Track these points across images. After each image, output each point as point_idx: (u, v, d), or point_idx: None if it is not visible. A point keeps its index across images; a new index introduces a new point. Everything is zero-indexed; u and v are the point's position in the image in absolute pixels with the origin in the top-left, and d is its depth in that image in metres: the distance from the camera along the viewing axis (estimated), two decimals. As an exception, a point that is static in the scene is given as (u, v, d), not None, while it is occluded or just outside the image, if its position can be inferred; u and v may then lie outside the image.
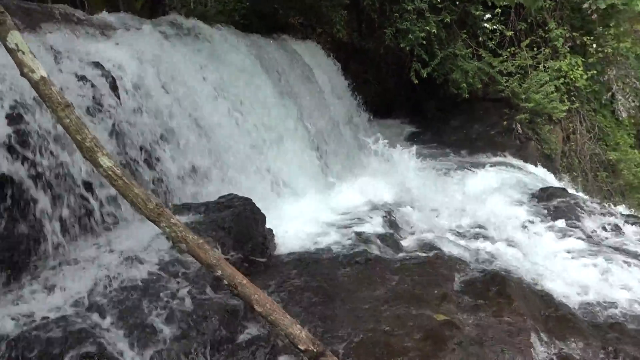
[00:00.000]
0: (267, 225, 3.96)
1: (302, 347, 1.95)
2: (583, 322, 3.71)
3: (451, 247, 4.44)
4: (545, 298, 3.93)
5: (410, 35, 8.08)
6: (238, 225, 3.61)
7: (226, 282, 2.11)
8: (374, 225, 4.48)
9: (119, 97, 3.67)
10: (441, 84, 9.19)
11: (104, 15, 4.71)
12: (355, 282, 3.58)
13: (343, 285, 3.49)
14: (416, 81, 8.44)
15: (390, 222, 4.72)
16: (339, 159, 5.99)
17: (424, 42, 8.22)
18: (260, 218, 3.82)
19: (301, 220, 4.52)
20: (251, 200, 3.78)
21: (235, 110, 4.73)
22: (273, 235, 4.02)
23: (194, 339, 2.59)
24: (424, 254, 4.17)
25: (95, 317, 2.49)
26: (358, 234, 4.27)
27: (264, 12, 7.99)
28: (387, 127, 9.52)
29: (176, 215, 2.59)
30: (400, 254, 4.15)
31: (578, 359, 3.20)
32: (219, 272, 2.09)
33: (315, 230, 4.40)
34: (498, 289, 3.67)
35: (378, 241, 4.20)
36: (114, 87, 3.67)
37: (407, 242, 4.44)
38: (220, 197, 3.88)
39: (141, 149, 3.55)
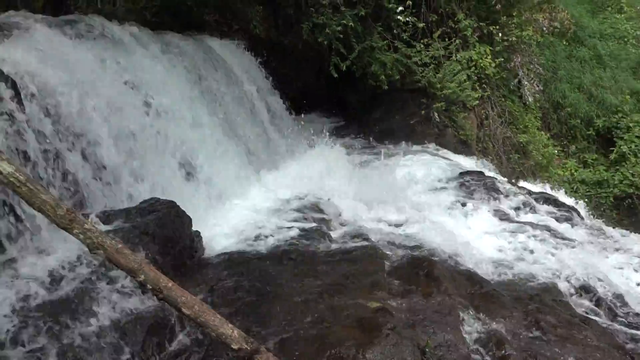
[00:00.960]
0: (194, 228, 3.84)
1: (235, 347, 1.89)
2: (506, 297, 3.91)
3: (380, 235, 4.53)
4: (471, 277, 4.11)
5: (327, 30, 8.12)
6: (163, 229, 3.48)
7: (150, 287, 2.01)
8: (303, 219, 4.47)
9: (21, 102, 3.40)
10: (361, 77, 9.32)
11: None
12: (287, 277, 3.55)
13: (275, 281, 3.46)
14: (336, 75, 8.51)
15: (319, 215, 4.73)
16: (264, 156, 5.93)
17: (341, 36, 8.29)
18: (186, 220, 3.69)
19: (230, 219, 4.43)
20: (175, 202, 3.64)
21: (152, 112, 4.53)
22: (201, 238, 3.91)
23: (121, 351, 2.46)
24: (354, 244, 4.23)
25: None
26: (287, 228, 4.25)
27: (177, 10, 7.72)
28: (311, 122, 9.56)
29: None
30: (331, 246, 4.17)
31: (504, 331, 3.37)
32: (142, 277, 1.99)
33: (244, 228, 4.33)
34: (426, 272, 3.78)
35: (308, 234, 4.20)
36: (15, 91, 3.39)
37: (336, 234, 4.47)
38: (141, 202, 3.72)
39: (48, 153, 3.31)
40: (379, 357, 2.66)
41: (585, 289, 4.46)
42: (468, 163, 8.07)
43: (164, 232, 3.45)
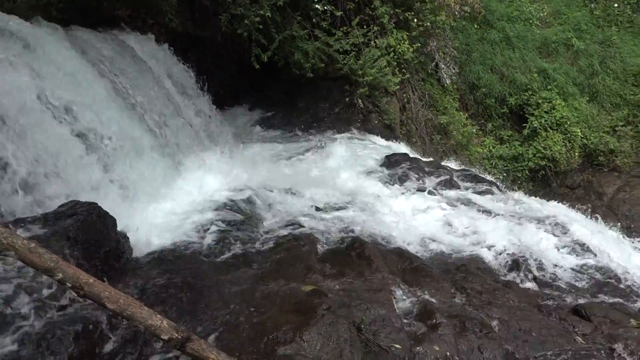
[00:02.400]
0: (120, 228, 3.70)
1: (165, 337, 1.85)
2: (435, 269, 4.09)
3: (311, 222, 4.58)
4: (401, 254, 4.26)
5: (245, 21, 8.03)
6: (85, 233, 3.32)
7: (70, 285, 1.93)
8: (233, 212, 4.43)
9: None
10: (284, 67, 9.30)
11: None
12: (221, 270, 3.52)
13: (209, 275, 3.42)
14: (258, 66, 8.44)
15: (249, 206, 4.70)
16: (188, 152, 5.79)
17: (261, 27, 8.23)
18: (110, 221, 3.55)
19: (157, 218, 4.31)
20: (96, 204, 3.49)
21: (64, 114, 4.29)
22: (127, 239, 3.77)
23: (47, 361, 2.35)
24: (286, 232, 4.25)
25: None
26: (218, 222, 4.19)
27: (86, 6, 7.33)
28: (236, 115, 9.46)
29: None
30: (263, 236, 4.17)
31: (433, 301, 3.53)
32: (60, 275, 1.90)
33: (174, 225, 4.23)
34: (358, 253, 3.88)
35: (239, 226, 4.17)
36: None
37: (268, 223, 4.47)
38: (60, 206, 3.53)
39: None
40: (316, 337, 2.70)
41: (506, 256, 4.75)
42: (393, 146, 8.30)
43: (86, 236, 3.30)
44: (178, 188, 4.76)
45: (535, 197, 8.88)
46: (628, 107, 10.98)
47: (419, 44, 9.62)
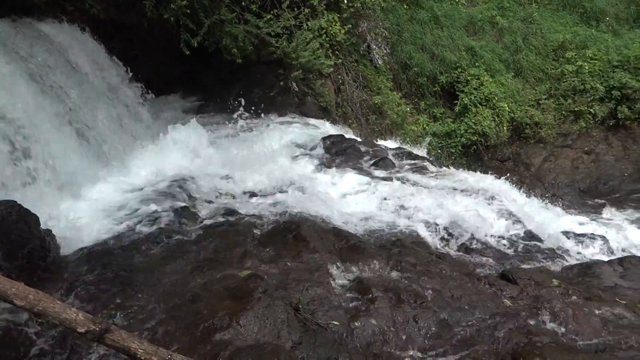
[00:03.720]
0: (45, 225, 3.53)
1: (81, 330, 1.79)
2: (371, 246, 4.18)
3: (248, 207, 4.56)
4: (338, 233, 4.31)
5: (172, 5, 7.76)
6: (4, 233, 3.15)
7: (-34, 285, 1.81)
8: (167, 201, 4.33)
9: None
10: (215, 53, 9.10)
11: None
12: (155, 261, 3.45)
13: (142, 268, 3.34)
14: (188, 52, 8.20)
15: (184, 194, 4.61)
16: (119, 144, 5.58)
17: (188, 11, 7.99)
18: (32, 219, 3.38)
19: (86, 212, 4.14)
20: (15, 201, 3.30)
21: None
22: (53, 236, 3.60)
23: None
24: (223, 219, 4.21)
25: None
26: (151, 213, 4.09)
27: (-3, -8, 6.85)
28: (168, 103, 9.20)
29: None
30: (199, 224, 4.11)
31: (370, 276, 3.61)
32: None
33: (104, 219, 4.09)
34: (295, 235, 3.90)
35: (173, 216, 4.08)
36: None
37: (204, 211, 4.40)
38: (-27, 207, 3.32)
39: None
40: (253, 320, 2.71)
41: (439, 229, 4.92)
42: (330, 128, 8.35)
43: (6, 236, 3.13)
44: (106, 180, 4.58)
45: (469, 171, 9.22)
46: (550, 81, 11.56)
47: (350, 26, 9.67)
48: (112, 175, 4.73)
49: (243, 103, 9.39)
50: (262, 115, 8.72)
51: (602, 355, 3.04)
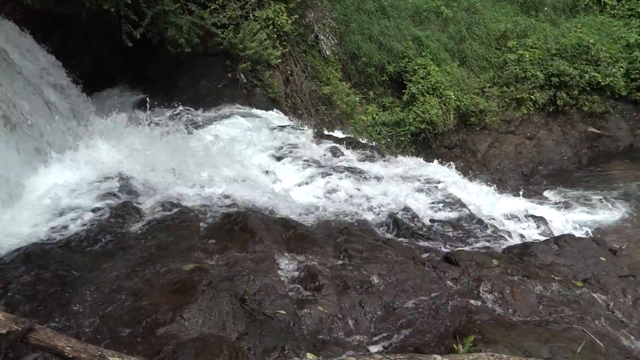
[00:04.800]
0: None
1: (3, 331, 1.72)
2: (319, 235, 4.22)
3: (193, 201, 4.50)
4: (286, 223, 4.33)
5: (111, -5, 7.53)
6: None
7: None
8: (109, 198, 4.21)
9: None
10: (160, 44, 8.89)
11: None
12: (95, 260, 3.35)
13: (82, 267, 3.24)
14: (130, 44, 7.99)
15: (128, 190, 4.50)
16: (56, 141, 5.37)
17: (129, 2, 7.76)
18: (-39, 221, 3.22)
19: (22, 212, 3.98)
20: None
21: None
22: (-15, 238, 3.46)
23: None
24: (167, 213, 4.14)
25: None
26: (92, 210, 3.97)
27: None
28: (111, 97, 8.93)
29: None
30: (142, 219, 4.02)
31: (317, 265, 3.64)
32: None
33: (41, 218, 3.93)
34: (241, 227, 3.88)
35: (115, 212, 3.97)
36: None
37: (148, 206, 4.30)
38: None
39: None
40: (197, 313, 2.69)
41: (386, 215, 5.02)
42: (279, 119, 8.32)
43: None
44: (43, 177, 4.41)
45: (418, 158, 9.41)
46: (493, 70, 11.92)
47: (298, 16, 9.64)
48: (50, 172, 4.55)
49: (191, 95, 9.26)
50: (210, 107, 8.59)
51: (537, 330, 3.18)
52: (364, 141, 8.05)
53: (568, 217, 7.26)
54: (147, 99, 9.14)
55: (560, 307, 3.56)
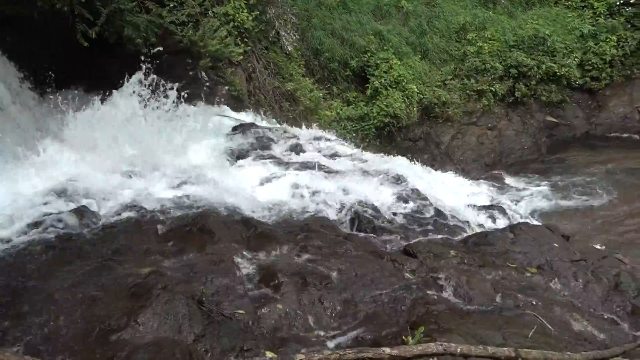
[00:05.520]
0: None
1: None
2: (279, 233, 4.23)
3: (152, 203, 4.44)
4: (247, 222, 4.32)
5: (64, -6, 7.32)
6: None
7: None
8: (64, 202, 4.13)
9: None
10: (118, 44, 8.71)
11: None
12: (49, 268, 3.28)
13: (34, 275, 3.17)
14: (86, 44, 7.78)
15: (83, 193, 4.41)
16: (10, 144, 5.23)
17: (84, 1, 7.57)
18: None
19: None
20: None
21: None
22: None
23: None
24: (124, 217, 4.09)
25: None
26: (44, 216, 3.88)
27: None
28: (71, 98, 8.68)
29: None
30: (98, 223, 3.96)
31: (277, 263, 3.66)
32: None
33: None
34: (200, 227, 3.87)
35: (70, 218, 3.89)
36: None
37: (104, 210, 4.24)
38: None
39: None
40: (152, 317, 2.67)
41: (348, 211, 5.06)
42: (242, 117, 8.28)
43: None
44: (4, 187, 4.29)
45: (383, 152, 9.51)
46: (454, 62, 12.10)
47: (258, 12, 9.58)
48: (1, 178, 4.43)
49: (149, 96, 9.12)
50: (171, 107, 8.47)
51: (491, 317, 3.28)
52: (328, 136, 8.08)
53: (527, 205, 7.48)
54: (105, 99, 8.99)
55: (515, 293, 3.67)
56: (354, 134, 11.04)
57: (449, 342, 2.62)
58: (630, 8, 12.53)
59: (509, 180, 9.42)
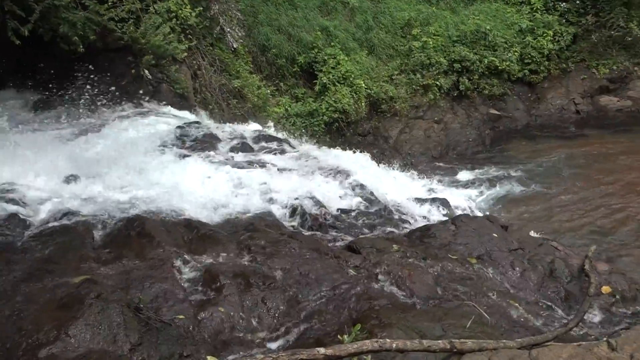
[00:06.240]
0: None
1: None
2: (222, 234, 4.17)
3: (90, 208, 4.30)
4: (189, 224, 4.24)
5: (-9, -10, 6.95)
6: None
7: None
8: (-7, 211, 3.93)
9: None
10: (53, 42, 8.35)
11: None
12: (-26, 279, 3.11)
13: (-43, 288, 3.00)
14: (18, 42, 7.42)
15: (15, 200, 4.21)
16: None
17: (13, -4, 7.21)
18: None
19: None
20: None
21: None
22: None
23: None
24: (60, 223, 3.93)
25: None
26: (-29, 225, 3.68)
27: None
28: (5, 100, 8.29)
29: None
30: (30, 231, 3.79)
31: (219, 265, 3.61)
32: None
33: None
34: (138, 232, 3.76)
35: (1, 225, 3.71)
36: None
37: (39, 217, 4.06)
38: None
39: None
40: (84, 329, 2.58)
41: (294, 208, 5.06)
42: (187, 116, 8.12)
43: None
44: None
45: (332, 147, 9.54)
46: (400, 57, 12.27)
47: (202, 8, 9.40)
48: None
49: (92, 94, 8.80)
50: (114, 106, 8.22)
51: (432, 309, 3.35)
52: (275, 134, 8.04)
53: (471, 196, 7.69)
54: (42, 100, 8.63)
55: (455, 285, 3.76)
56: (303, 130, 11.02)
57: (387, 337, 2.66)
58: (564, 4, 13.05)
59: (454, 172, 9.66)
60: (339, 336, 2.60)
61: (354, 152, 8.16)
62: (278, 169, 6.04)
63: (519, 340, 2.97)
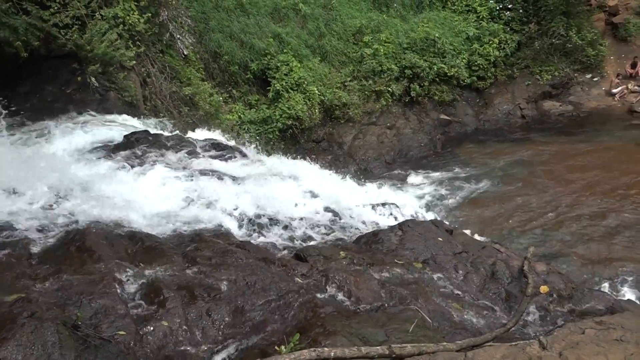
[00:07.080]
0: None
1: None
2: (168, 245, 4.10)
3: (29, 222, 4.15)
4: (133, 236, 4.16)
5: None
6: None
7: None
8: None
9: None
10: (-5, 47, 8.02)
11: None
12: None
13: None
14: (-47, 48, 7.12)
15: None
16: None
17: (-53, 1, 6.91)
18: None
19: None
20: None
21: None
22: None
23: None
24: (-6, 239, 3.76)
25: None
26: None
27: None
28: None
29: None
30: (-40, 250, 3.62)
31: (163, 278, 3.54)
32: None
33: None
34: (78, 246, 3.66)
35: None
36: None
37: (-29, 234, 3.89)
38: None
39: None
40: (16, 350, 2.48)
41: (242, 217, 5.03)
42: (136, 124, 7.95)
43: None
44: None
45: (287, 154, 9.56)
46: (352, 64, 12.44)
47: (150, 14, 9.26)
48: None
49: (35, 103, 8.49)
50: (59, 114, 7.96)
51: (376, 315, 3.41)
52: (226, 142, 7.98)
53: (420, 201, 7.86)
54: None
55: (400, 290, 3.83)
56: (257, 138, 11.01)
57: (331, 345, 2.69)
58: (508, 12, 13.56)
59: (406, 176, 9.84)
60: (276, 347, 2.61)
61: (310, 158, 8.21)
62: (228, 177, 6.01)
63: (459, 342, 3.06)
